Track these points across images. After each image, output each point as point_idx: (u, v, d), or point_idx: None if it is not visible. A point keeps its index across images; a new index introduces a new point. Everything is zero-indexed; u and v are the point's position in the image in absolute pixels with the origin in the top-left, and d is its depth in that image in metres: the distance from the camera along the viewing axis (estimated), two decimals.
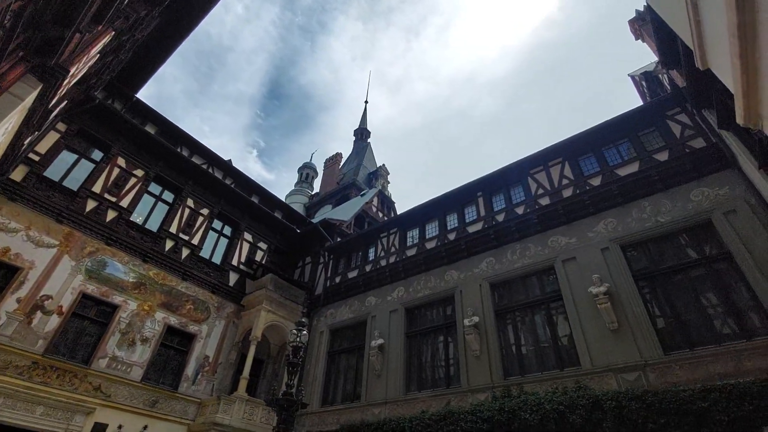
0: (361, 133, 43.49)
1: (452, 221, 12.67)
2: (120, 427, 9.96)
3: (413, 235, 13.53)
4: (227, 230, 15.09)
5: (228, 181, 15.64)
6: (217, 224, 14.80)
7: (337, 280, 14.60)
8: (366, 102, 51.59)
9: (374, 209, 24.81)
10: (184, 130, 14.92)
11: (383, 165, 37.03)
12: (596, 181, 10.07)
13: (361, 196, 25.99)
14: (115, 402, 10.15)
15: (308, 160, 41.37)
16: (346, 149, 52.51)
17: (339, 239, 16.53)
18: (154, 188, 13.41)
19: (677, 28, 3.67)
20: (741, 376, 6.37)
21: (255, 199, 16.38)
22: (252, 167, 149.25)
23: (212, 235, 14.50)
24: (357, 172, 34.48)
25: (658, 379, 7.13)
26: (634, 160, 9.75)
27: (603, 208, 9.57)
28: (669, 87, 11.00)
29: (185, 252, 13.24)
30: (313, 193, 37.71)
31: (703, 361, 6.88)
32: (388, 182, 36.42)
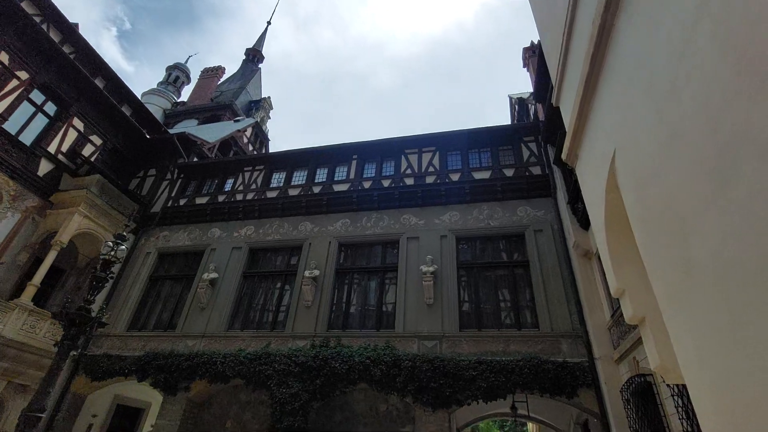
0: (254, 55, 39.33)
1: (321, 175, 12.64)
2: None
3: (279, 178, 13.07)
4: (51, 108, 12.12)
5: (67, 50, 12.47)
6: (38, 97, 11.74)
7: (182, 202, 13.25)
8: (269, 23, 46.65)
9: (246, 140, 23.03)
10: None
11: (268, 97, 34.38)
12: (455, 177, 11.23)
13: (235, 121, 23.78)
14: None
15: (182, 62, 35.63)
16: (230, 68, 46.97)
17: (196, 159, 14.93)
18: None
19: (551, 66, 4.24)
20: (506, 356, 8.11)
21: (99, 83, 13.48)
22: (107, 47, 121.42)
23: (27, 108, 11.46)
24: (237, 95, 31.28)
25: (449, 348, 8.56)
26: (488, 169, 11.17)
27: (453, 201, 10.77)
28: (533, 117, 12.81)
29: None
30: (178, 100, 32.85)
31: (484, 341, 8.52)
32: (269, 117, 34.10)
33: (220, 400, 9.81)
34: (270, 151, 27.63)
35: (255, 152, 23.56)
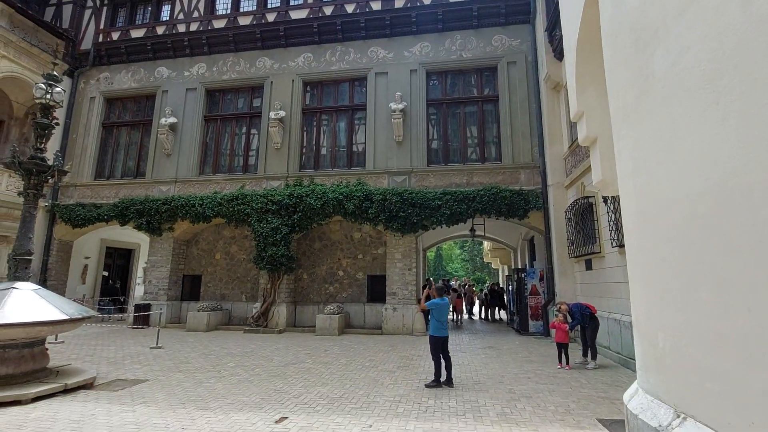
0: None
1: None
2: None
3: (225, 2, 11.26)
4: None
5: None
6: None
7: (116, 36, 11.52)
8: None
9: None
10: None
11: None
12: (428, 0, 10.00)
13: None
14: None
15: None
16: None
17: None
18: None
19: None
20: (469, 186, 8.75)
21: None
22: None
23: None
24: None
25: (417, 182, 9.09)
26: None
27: (423, 30, 9.84)
28: None
29: None
30: None
31: (450, 174, 9.03)
32: None
33: (206, 237, 10.54)
34: None
35: None
